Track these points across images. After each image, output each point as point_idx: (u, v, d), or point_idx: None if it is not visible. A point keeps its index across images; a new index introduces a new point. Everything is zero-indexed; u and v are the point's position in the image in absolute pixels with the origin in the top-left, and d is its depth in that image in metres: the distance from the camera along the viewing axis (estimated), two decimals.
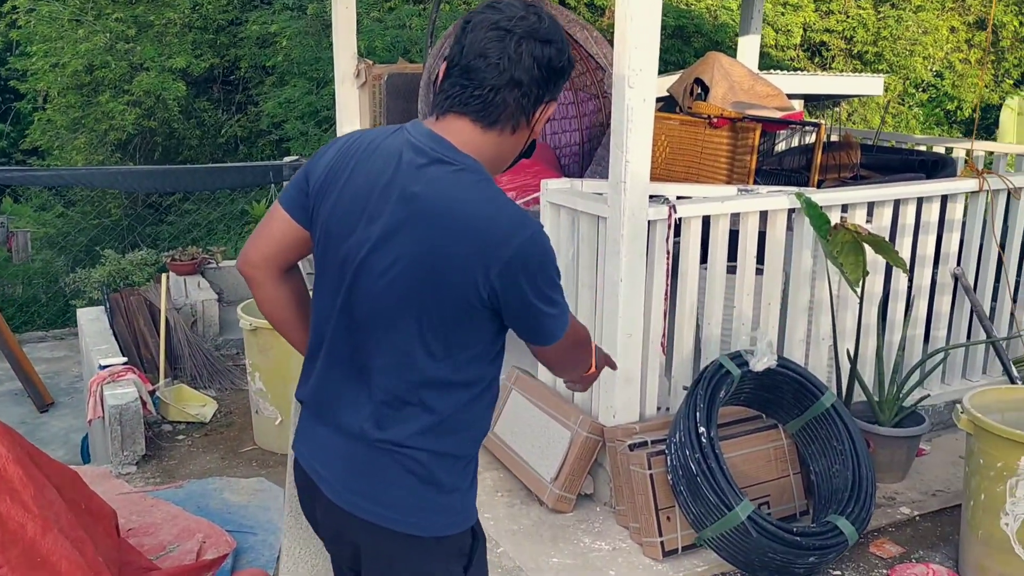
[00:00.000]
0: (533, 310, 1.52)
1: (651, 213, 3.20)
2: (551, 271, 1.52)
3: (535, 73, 1.52)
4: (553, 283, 1.53)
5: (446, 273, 1.47)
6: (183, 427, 4.07)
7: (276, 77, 11.49)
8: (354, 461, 1.60)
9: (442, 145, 1.52)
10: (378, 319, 1.53)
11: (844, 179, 5.38)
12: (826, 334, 3.69)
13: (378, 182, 1.52)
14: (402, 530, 1.58)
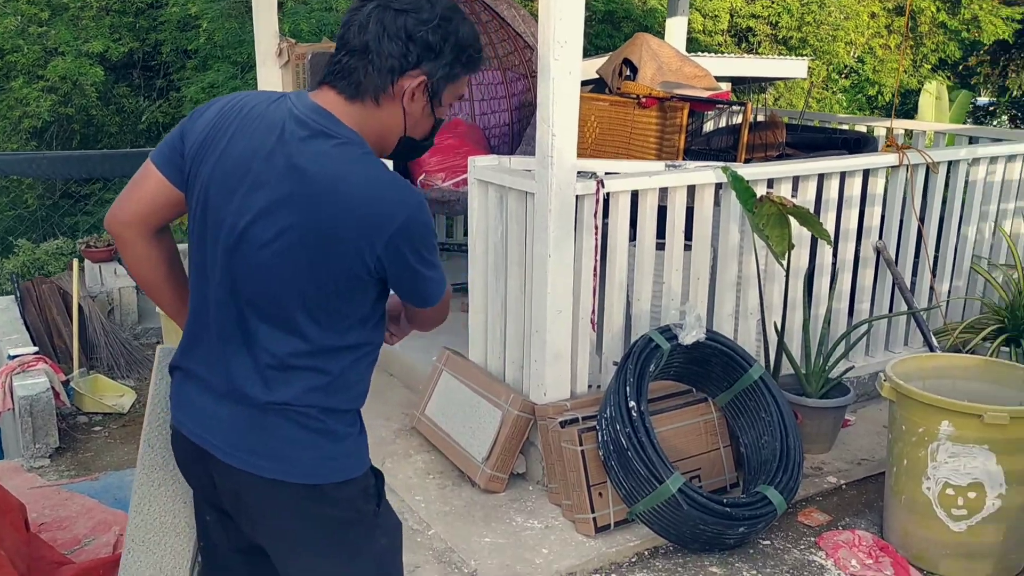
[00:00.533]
0: (418, 276, 1.59)
1: (579, 188, 3.17)
2: (430, 238, 1.58)
3: (385, 42, 1.52)
4: (432, 248, 1.60)
5: (332, 247, 1.50)
6: (100, 418, 3.92)
7: (198, 61, 11.17)
8: (245, 423, 1.62)
9: (324, 117, 1.54)
10: (262, 289, 1.55)
11: (770, 157, 5.43)
12: (754, 308, 3.72)
13: (260, 151, 1.52)
14: (302, 481, 1.61)
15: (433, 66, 1.55)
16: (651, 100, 5.34)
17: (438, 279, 1.64)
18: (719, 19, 12.28)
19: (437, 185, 4.92)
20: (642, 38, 6.11)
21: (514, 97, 5.49)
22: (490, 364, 3.65)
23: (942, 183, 4.11)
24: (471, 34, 1.60)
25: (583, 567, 2.90)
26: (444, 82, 1.58)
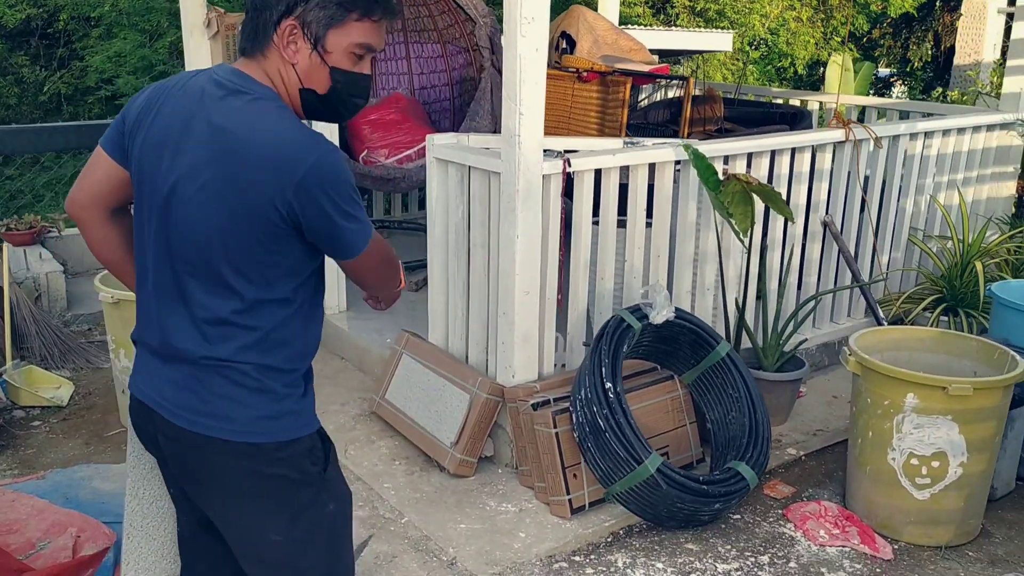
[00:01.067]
0: (330, 224, 1.58)
1: (545, 167, 3.13)
2: (344, 187, 1.58)
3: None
4: (348, 198, 1.59)
5: (247, 197, 1.54)
6: (38, 412, 3.71)
7: (103, 29, 10.63)
8: (186, 381, 1.66)
9: (239, 77, 1.61)
10: (189, 245, 1.60)
11: (709, 132, 5.49)
12: (711, 284, 3.76)
13: (182, 115, 1.60)
14: (243, 439, 1.65)
15: (303, 10, 1.57)
16: (592, 74, 5.31)
17: (356, 228, 1.62)
18: None
19: (380, 162, 4.81)
20: (578, 10, 6.08)
21: (454, 71, 5.39)
22: (452, 346, 3.60)
23: (884, 158, 4.22)
24: None
25: (561, 549, 2.90)
26: (323, 26, 1.58)
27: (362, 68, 1.66)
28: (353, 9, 1.59)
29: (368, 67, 1.68)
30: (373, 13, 1.61)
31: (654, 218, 3.54)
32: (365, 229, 1.64)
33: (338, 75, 1.63)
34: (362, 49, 1.63)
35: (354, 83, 1.65)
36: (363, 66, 1.66)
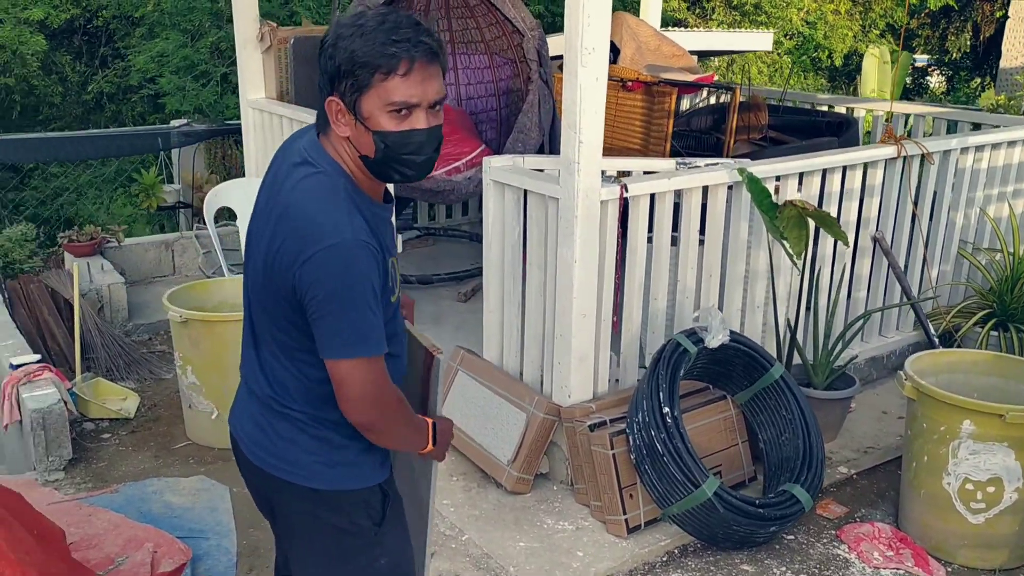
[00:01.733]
0: (315, 312, 1.61)
1: (603, 193, 3.19)
2: (341, 285, 1.58)
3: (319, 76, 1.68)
4: (341, 297, 1.59)
5: (276, 261, 1.63)
6: (107, 424, 3.84)
7: (145, 28, 10.77)
8: (259, 419, 1.78)
9: (314, 149, 1.69)
10: (253, 298, 1.75)
11: (754, 140, 5.51)
12: (760, 302, 3.80)
13: (267, 181, 1.75)
14: (301, 483, 1.75)
15: (339, 87, 1.61)
16: (637, 84, 5.35)
17: (334, 329, 1.60)
18: None
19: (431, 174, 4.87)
20: (621, 17, 6.10)
21: (501, 82, 5.44)
22: (507, 364, 3.67)
23: (935, 171, 4.23)
24: (365, 46, 1.57)
25: (619, 568, 2.97)
26: (354, 95, 1.60)
27: (411, 124, 1.61)
28: (375, 70, 1.57)
29: (422, 120, 1.62)
30: (396, 69, 1.57)
31: (706, 238, 3.59)
32: (349, 340, 1.60)
33: (380, 138, 1.61)
34: (397, 106, 1.59)
35: (401, 142, 1.62)
36: (412, 121, 1.61)
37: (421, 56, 1.58)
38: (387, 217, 1.77)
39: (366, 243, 1.60)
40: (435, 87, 1.63)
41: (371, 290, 1.61)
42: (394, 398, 1.71)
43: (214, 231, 4.53)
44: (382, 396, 1.67)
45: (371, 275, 1.61)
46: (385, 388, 1.68)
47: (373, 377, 1.64)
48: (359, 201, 1.67)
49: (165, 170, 7.37)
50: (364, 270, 1.59)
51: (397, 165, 1.65)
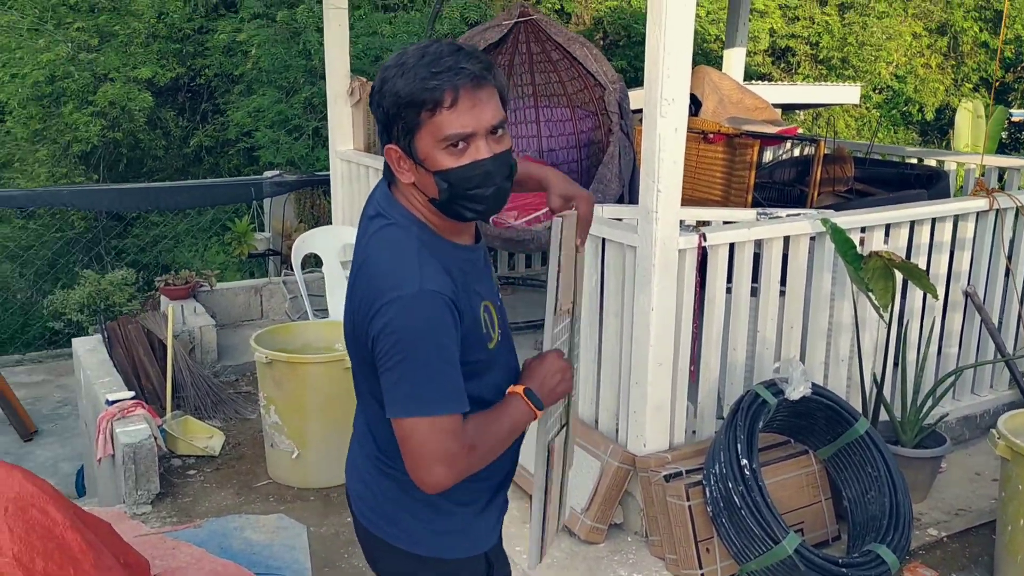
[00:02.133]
0: (381, 368, 1.53)
1: (681, 242, 3.18)
2: (404, 336, 1.49)
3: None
4: (400, 353, 1.49)
5: (356, 317, 1.59)
6: (193, 461, 3.96)
7: (244, 86, 11.30)
8: (365, 477, 1.73)
9: (386, 201, 1.63)
10: (350, 352, 1.68)
11: (839, 193, 5.43)
12: (845, 355, 3.71)
13: (357, 235, 1.71)
14: (405, 548, 1.69)
15: (393, 133, 1.54)
16: (719, 136, 5.35)
17: (395, 387, 1.52)
18: (759, 40, 12.29)
19: (510, 223, 4.95)
20: (703, 71, 6.14)
21: (582, 134, 5.52)
22: (583, 412, 3.66)
23: None
24: (407, 85, 1.49)
25: None
26: (408, 139, 1.53)
27: (471, 156, 1.52)
28: (420, 108, 1.49)
29: (483, 150, 1.53)
30: (441, 102, 1.48)
31: (787, 289, 3.54)
32: (409, 397, 1.51)
33: (442, 177, 1.53)
34: (452, 140, 1.50)
35: (464, 177, 1.52)
36: (472, 153, 1.52)
37: (465, 82, 1.48)
38: (475, 259, 1.68)
39: (437, 293, 1.51)
40: (489, 111, 1.52)
41: (440, 343, 1.51)
42: (463, 454, 1.55)
43: (300, 277, 4.68)
44: (448, 456, 1.52)
45: (441, 327, 1.51)
46: (452, 448, 1.52)
47: (438, 437, 1.51)
48: (437, 248, 1.59)
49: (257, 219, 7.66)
50: (432, 323, 1.50)
51: (466, 202, 1.55)
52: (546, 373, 1.66)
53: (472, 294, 1.61)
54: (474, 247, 1.68)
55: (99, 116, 10.71)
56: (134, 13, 11.00)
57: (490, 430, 1.58)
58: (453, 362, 1.53)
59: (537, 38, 5.15)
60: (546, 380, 1.66)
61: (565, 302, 1.76)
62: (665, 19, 2.94)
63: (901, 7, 12.82)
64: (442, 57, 1.49)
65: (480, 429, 1.57)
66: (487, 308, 1.66)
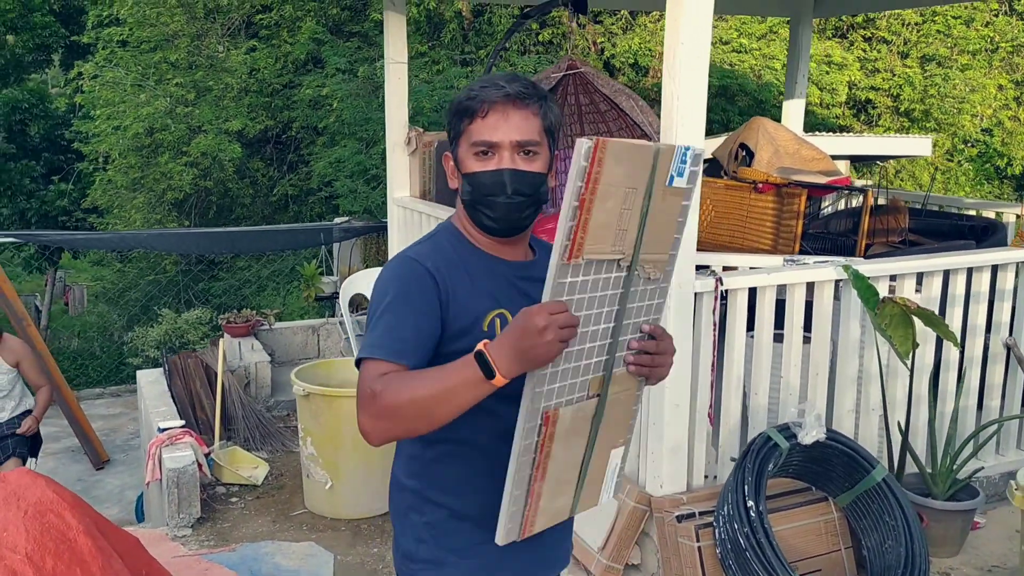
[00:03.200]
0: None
1: (698, 285, 3.24)
2: (377, 290, 1.64)
3: None
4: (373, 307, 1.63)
5: None
6: (236, 489, 4.15)
7: (327, 137, 11.80)
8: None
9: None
10: None
11: (892, 243, 5.37)
12: (875, 404, 3.67)
13: None
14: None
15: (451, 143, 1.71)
16: (768, 186, 5.38)
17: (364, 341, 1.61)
18: (837, 92, 12.18)
19: None
20: (758, 122, 6.17)
21: None
22: None
23: None
24: (460, 97, 1.68)
25: None
26: (455, 146, 1.69)
27: (494, 164, 1.63)
28: (463, 116, 1.66)
29: (506, 160, 1.63)
30: (477, 112, 1.63)
31: (812, 335, 3.54)
32: (366, 340, 1.61)
33: (467, 180, 1.66)
34: (480, 147, 1.64)
35: (482, 182, 1.64)
36: (495, 161, 1.63)
37: (499, 98, 1.62)
38: (507, 273, 1.70)
39: (412, 259, 1.64)
40: (517, 127, 1.62)
41: (398, 296, 1.59)
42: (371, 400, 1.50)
43: (348, 315, 4.88)
44: (362, 399, 1.52)
45: (405, 284, 1.60)
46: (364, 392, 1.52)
47: (362, 380, 1.53)
48: (455, 247, 1.69)
49: (325, 264, 7.97)
50: (397, 279, 1.61)
51: (482, 208, 1.66)
52: (521, 332, 1.41)
53: (481, 293, 1.66)
54: (514, 264, 1.72)
55: (192, 166, 11.34)
56: (228, 69, 11.67)
57: (412, 383, 1.49)
58: (403, 317, 1.57)
59: (585, 90, 5.30)
60: (519, 340, 1.41)
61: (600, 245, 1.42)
62: (677, 69, 3.05)
63: (985, 60, 12.55)
64: (495, 80, 1.66)
65: (402, 380, 1.50)
66: (502, 316, 1.65)
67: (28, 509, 2.10)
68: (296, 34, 12.04)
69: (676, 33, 3.03)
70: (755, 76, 12.13)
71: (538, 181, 1.65)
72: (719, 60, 11.99)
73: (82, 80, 12.13)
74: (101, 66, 11.96)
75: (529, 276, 1.70)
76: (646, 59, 12.00)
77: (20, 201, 12.45)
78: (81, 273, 16.35)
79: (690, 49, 3.03)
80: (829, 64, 12.22)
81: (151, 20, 11.56)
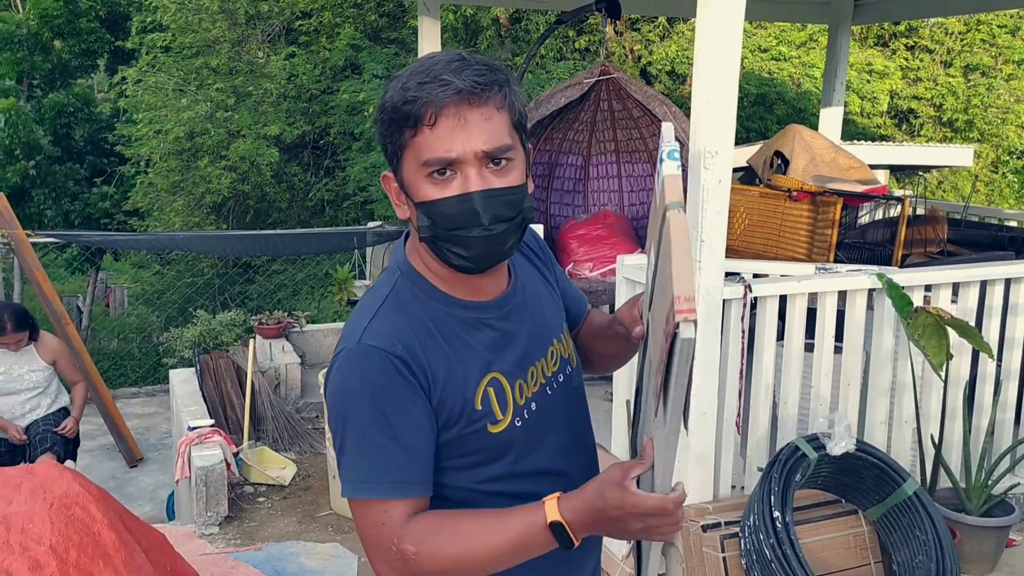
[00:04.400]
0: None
1: (726, 292, 3.21)
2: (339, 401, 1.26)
3: None
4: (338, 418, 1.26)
5: None
6: (264, 489, 4.18)
7: (363, 143, 11.90)
8: None
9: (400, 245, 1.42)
10: None
11: (930, 254, 5.28)
12: (908, 417, 3.60)
13: None
14: None
15: (391, 160, 1.30)
16: (803, 194, 5.33)
17: (341, 465, 1.26)
18: (878, 101, 12.04)
19: (585, 275, 5.05)
20: (794, 129, 6.11)
21: None
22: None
23: None
24: (391, 96, 1.26)
25: None
26: (396, 162, 1.28)
27: (457, 188, 1.23)
28: (402, 126, 1.24)
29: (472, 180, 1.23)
30: (422, 119, 1.21)
31: (844, 345, 3.49)
32: (345, 475, 1.25)
33: (423, 210, 1.26)
34: (433, 167, 1.23)
35: (445, 214, 1.24)
36: (458, 185, 1.23)
37: (449, 97, 1.21)
38: (484, 318, 1.34)
39: (376, 348, 1.24)
40: (482, 134, 1.22)
41: (378, 410, 1.22)
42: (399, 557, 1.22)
43: None
44: (381, 551, 1.23)
45: (380, 391, 1.23)
46: (383, 543, 1.22)
47: (368, 526, 1.24)
48: (419, 301, 1.32)
49: (358, 267, 8.02)
50: (367, 384, 1.23)
51: (449, 245, 1.26)
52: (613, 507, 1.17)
53: (465, 362, 1.30)
54: (494, 303, 1.36)
55: (230, 170, 11.50)
56: (267, 75, 11.82)
57: (461, 539, 1.21)
58: (395, 435, 1.23)
59: (619, 96, 5.29)
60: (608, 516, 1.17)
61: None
62: (705, 72, 3.02)
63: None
64: (435, 67, 1.23)
65: (439, 533, 1.22)
66: (496, 381, 1.32)
67: (54, 502, 2.13)
68: (335, 40, 12.17)
69: (706, 34, 3.01)
70: (794, 84, 12.02)
71: (519, 197, 1.27)
72: (757, 68, 11.90)
73: (126, 84, 12.35)
74: (144, 71, 12.18)
75: (511, 310, 1.38)
76: (683, 67, 11.94)
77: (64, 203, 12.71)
78: (122, 275, 16.63)
79: (720, 51, 3.01)
80: (870, 72, 12.08)
81: (193, 26, 11.75)
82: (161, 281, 13.50)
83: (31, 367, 4.48)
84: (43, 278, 5.63)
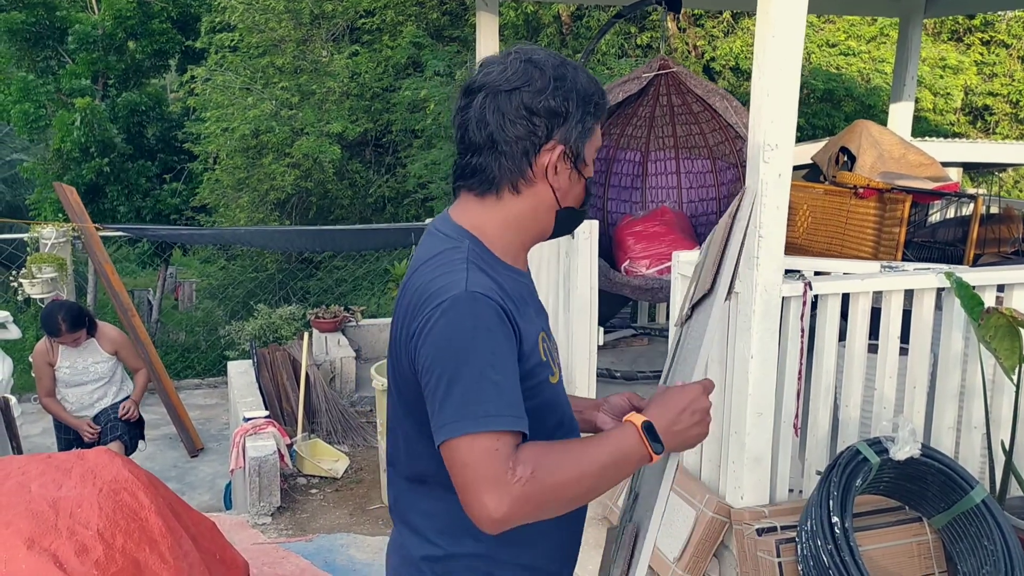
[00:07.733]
0: (428, 388, 1.33)
1: (785, 290, 3.11)
2: (452, 342, 1.30)
3: (509, 128, 1.40)
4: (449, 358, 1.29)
5: (395, 344, 1.44)
6: (316, 481, 4.21)
7: (424, 140, 11.95)
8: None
9: (442, 221, 1.50)
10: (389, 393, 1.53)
11: (1004, 254, 5.07)
12: (978, 421, 3.45)
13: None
14: None
15: (566, 131, 1.42)
16: (869, 191, 5.16)
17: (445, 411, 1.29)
18: (952, 97, 11.65)
19: (641, 272, 4.97)
20: (862, 125, 5.93)
21: (723, 186, 5.47)
22: (685, 459, 3.60)
23: None
24: (588, 80, 1.46)
25: None
26: (581, 141, 1.45)
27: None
28: (599, 114, 1.48)
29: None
30: (604, 116, 1.53)
31: (911, 346, 3.36)
32: (454, 416, 1.28)
33: (589, 185, 1.52)
34: (598, 154, 1.67)
35: (590, 189, 1.53)
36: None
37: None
38: (529, 285, 1.52)
39: (484, 296, 1.32)
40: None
41: (492, 349, 1.29)
42: (518, 480, 1.26)
43: None
44: (496, 481, 1.26)
45: (491, 332, 1.30)
46: (499, 471, 1.26)
47: (481, 459, 1.26)
48: (490, 264, 1.42)
49: None
50: (481, 326, 1.30)
51: (580, 216, 1.54)
52: (682, 408, 1.43)
53: (527, 318, 1.43)
54: (526, 274, 1.54)
55: (294, 167, 11.66)
56: (331, 73, 11.95)
57: (568, 457, 1.31)
58: (506, 373, 1.30)
59: (678, 90, 5.19)
60: (681, 417, 1.42)
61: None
62: (766, 62, 2.93)
63: None
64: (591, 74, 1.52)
65: (553, 453, 1.31)
66: (544, 339, 1.47)
67: (103, 487, 2.16)
68: (397, 38, 12.24)
69: (767, 26, 2.92)
70: (863, 80, 11.71)
71: None
72: (824, 63, 11.62)
73: (195, 83, 12.62)
74: (213, 70, 12.42)
75: (533, 289, 1.57)
76: (747, 63, 11.71)
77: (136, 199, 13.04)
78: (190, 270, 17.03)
79: (782, 39, 2.91)
80: (944, 68, 11.69)
81: (260, 26, 11.94)
82: (226, 276, 13.78)
83: (95, 359, 4.58)
84: (111, 271, 5.76)
